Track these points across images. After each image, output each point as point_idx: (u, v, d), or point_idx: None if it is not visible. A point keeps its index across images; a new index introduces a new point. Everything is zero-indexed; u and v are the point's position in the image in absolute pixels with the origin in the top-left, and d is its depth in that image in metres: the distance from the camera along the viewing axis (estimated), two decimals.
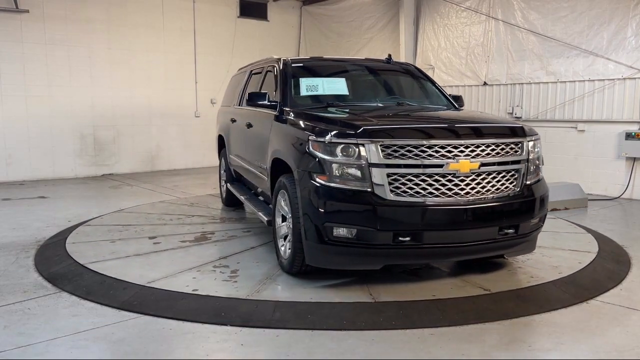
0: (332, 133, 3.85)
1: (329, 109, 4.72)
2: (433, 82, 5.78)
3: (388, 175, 3.71)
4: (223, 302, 3.80)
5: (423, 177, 3.74)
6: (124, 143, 11.11)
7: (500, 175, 3.96)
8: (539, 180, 4.24)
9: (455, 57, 10.37)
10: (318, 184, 3.82)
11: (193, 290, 3.99)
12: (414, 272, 4.50)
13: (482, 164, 3.84)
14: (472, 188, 3.83)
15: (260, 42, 12.67)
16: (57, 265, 4.71)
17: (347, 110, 4.70)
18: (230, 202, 7.18)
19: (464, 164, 3.77)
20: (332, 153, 3.78)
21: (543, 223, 4.31)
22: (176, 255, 4.96)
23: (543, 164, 4.38)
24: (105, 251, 5.02)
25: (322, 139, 3.86)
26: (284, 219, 4.50)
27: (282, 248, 4.46)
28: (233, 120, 6.67)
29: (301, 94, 5.06)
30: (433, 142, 3.77)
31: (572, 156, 8.78)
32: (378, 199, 3.69)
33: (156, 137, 11.49)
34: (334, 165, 3.77)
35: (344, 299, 3.87)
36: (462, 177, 3.79)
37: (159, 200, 7.88)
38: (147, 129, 11.34)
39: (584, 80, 8.56)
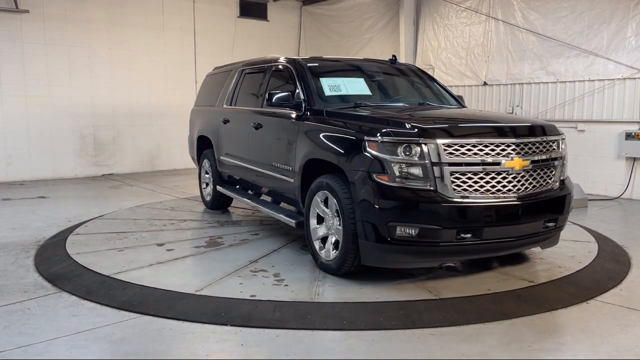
0: (393, 133, 3.87)
1: (359, 109, 4.69)
2: (439, 83, 5.95)
3: (450, 174, 3.79)
4: (223, 302, 3.80)
5: (481, 175, 3.86)
6: (124, 143, 11.11)
7: (544, 172, 4.17)
8: (567, 177, 4.53)
9: (455, 57, 10.37)
10: (379, 184, 3.81)
11: (251, 296, 3.87)
12: (452, 268, 4.54)
13: (532, 162, 4.04)
14: (522, 185, 3.99)
15: (260, 42, 12.67)
16: (57, 265, 4.71)
17: (381, 110, 4.75)
18: (217, 205, 6.98)
19: (518, 162, 3.94)
20: (394, 153, 3.81)
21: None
22: (202, 262, 4.79)
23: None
24: (121, 260, 4.72)
25: (382, 139, 3.86)
26: (319, 220, 4.49)
27: (324, 250, 4.43)
28: (226, 121, 6.42)
29: (326, 94, 4.98)
30: (491, 140, 3.91)
31: (572, 156, 8.75)
32: (441, 198, 3.76)
33: (156, 137, 11.49)
34: (396, 165, 3.79)
35: (407, 297, 3.88)
36: (514, 175, 3.94)
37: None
38: (147, 129, 11.34)
39: (584, 80, 8.56)
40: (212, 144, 6.86)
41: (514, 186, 3.95)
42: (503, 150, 3.92)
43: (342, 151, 4.17)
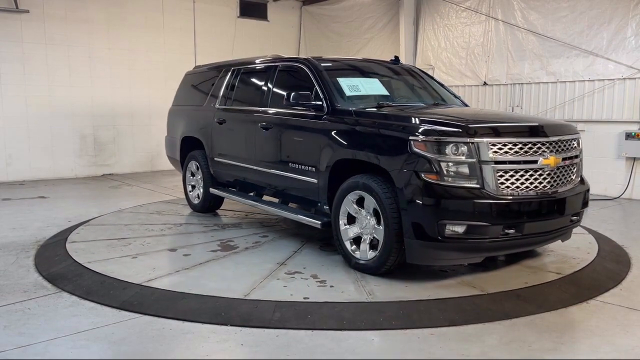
0: (442, 132, 3.93)
1: (382, 109, 4.72)
2: (441, 83, 6.10)
3: (495, 171, 3.90)
4: (223, 302, 3.80)
5: (522, 172, 4.01)
6: (124, 143, 11.11)
7: (570, 169, 4.38)
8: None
9: (455, 57, 10.37)
10: (429, 183, 3.86)
11: (304, 299, 3.84)
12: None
13: (562, 159, 4.25)
14: (555, 181, 4.19)
15: (260, 42, 12.67)
16: (57, 265, 4.71)
17: (405, 109, 4.81)
18: (207, 207, 6.77)
19: (553, 159, 4.13)
20: (442, 152, 3.87)
21: None
22: (229, 266, 4.63)
23: None
24: (142, 268, 4.52)
25: (431, 138, 3.90)
26: (349, 220, 4.50)
27: (358, 251, 4.44)
28: (221, 122, 6.23)
29: (347, 94, 4.94)
30: (529, 139, 4.08)
31: None
32: (488, 195, 3.88)
33: (156, 137, 11.46)
34: (445, 164, 3.86)
35: (456, 293, 3.96)
36: (549, 171, 4.13)
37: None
38: (147, 129, 11.34)
39: (584, 80, 8.56)
40: (202, 146, 6.67)
41: (549, 182, 4.13)
42: (539, 148, 4.09)
43: (385, 151, 4.18)
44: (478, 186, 3.87)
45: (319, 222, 4.83)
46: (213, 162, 6.51)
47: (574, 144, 4.44)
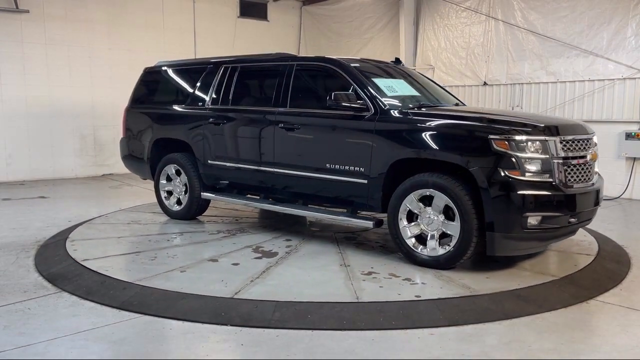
0: (524, 131, 4.25)
1: (424, 109, 4.90)
2: (440, 85, 6.30)
3: (563, 166, 4.28)
4: (223, 302, 3.80)
5: (578, 166, 4.42)
6: None
7: (594, 164, 4.72)
8: None
9: (455, 57, 10.37)
10: (513, 179, 4.12)
11: (416, 297, 3.87)
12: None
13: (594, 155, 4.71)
14: (591, 174, 4.61)
15: (260, 42, 12.65)
16: (57, 265, 4.71)
17: (444, 110, 5.02)
18: (193, 213, 6.32)
19: (593, 154, 4.63)
20: (524, 150, 4.17)
21: None
22: (295, 272, 4.44)
23: None
24: (209, 281, 4.18)
25: (513, 137, 4.18)
26: (409, 218, 4.61)
27: (426, 248, 4.53)
28: (218, 123, 5.87)
29: (388, 94, 4.98)
30: (582, 136, 4.55)
31: None
32: (559, 188, 4.24)
33: None
34: (525, 161, 4.16)
35: (527, 283, 4.18)
36: (589, 165, 4.56)
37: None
38: None
39: (584, 80, 8.57)
40: (186, 148, 6.21)
41: (590, 175, 4.58)
42: (586, 144, 4.55)
43: (461, 150, 4.35)
44: (551, 180, 4.21)
45: (371, 222, 4.88)
46: (206, 166, 6.06)
47: (595, 141, 4.85)
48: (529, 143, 4.18)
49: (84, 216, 6.69)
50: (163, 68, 6.89)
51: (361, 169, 4.85)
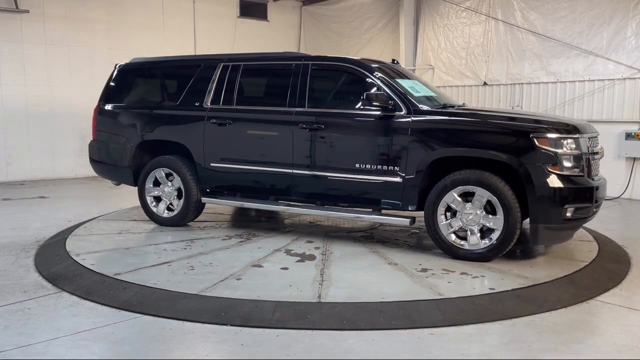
0: (563, 130, 4.58)
1: (448, 109, 5.06)
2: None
3: (590, 161, 4.64)
4: (223, 302, 3.80)
5: (596, 161, 4.81)
6: None
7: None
8: None
9: (455, 57, 10.38)
10: (556, 175, 4.43)
11: (490, 289, 4.01)
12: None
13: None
14: (599, 169, 4.94)
15: (260, 42, 12.66)
16: (57, 265, 4.70)
17: (473, 110, 5.26)
18: (189, 219, 5.98)
19: (601, 151, 5.00)
20: (562, 147, 4.49)
21: None
22: (356, 274, 4.36)
23: None
24: (278, 287, 4.03)
25: (554, 135, 4.49)
26: (447, 214, 4.75)
27: (466, 242, 4.70)
28: (222, 123, 5.57)
29: (415, 95, 5.06)
30: (597, 135, 4.95)
31: None
32: (588, 181, 4.58)
33: None
34: (564, 157, 4.47)
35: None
36: (598, 162, 4.91)
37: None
38: None
39: (583, 81, 8.57)
40: (181, 150, 5.87)
41: (598, 170, 4.91)
42: (597, 142, 4.92)
43: (504, 147, 4.57)
44: (582, 174, 4.54)
45: (408, 220, 4.97)
46: (207, 169, 5.73)
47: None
48: (567, 141, 4.52)
49: (84, 216, 6.69)
50: (137, 65, 6.49)
51: (395, 167, 4.90)
